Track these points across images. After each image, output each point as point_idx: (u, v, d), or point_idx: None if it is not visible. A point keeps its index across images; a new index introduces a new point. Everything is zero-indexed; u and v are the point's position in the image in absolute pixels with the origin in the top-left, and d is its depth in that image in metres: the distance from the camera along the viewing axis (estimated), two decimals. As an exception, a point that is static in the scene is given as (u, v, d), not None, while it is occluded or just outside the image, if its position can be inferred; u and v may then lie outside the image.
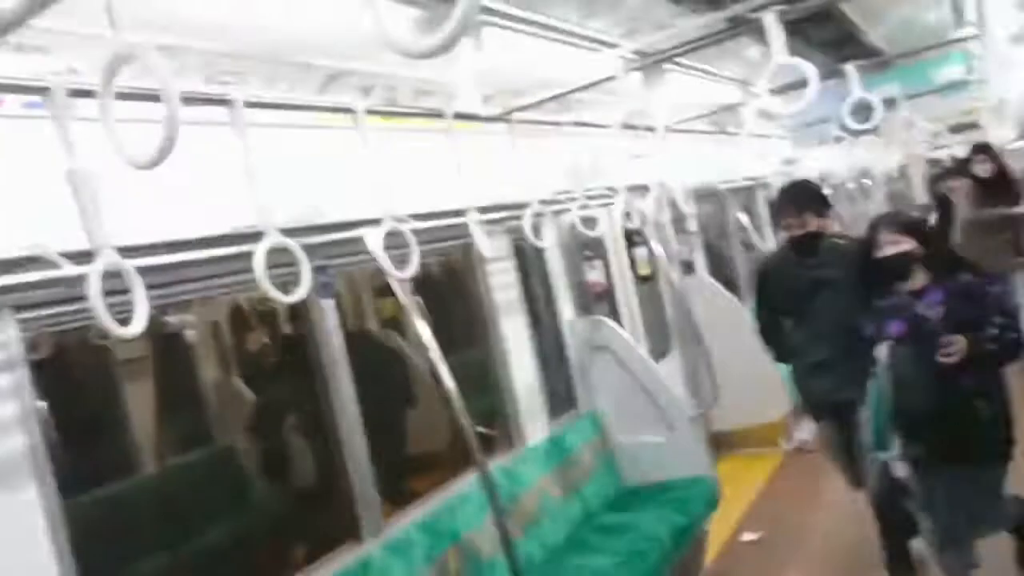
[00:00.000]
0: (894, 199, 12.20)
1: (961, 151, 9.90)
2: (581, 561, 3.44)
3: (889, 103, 6.00)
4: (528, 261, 4.35)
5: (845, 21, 5.54)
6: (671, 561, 3.60)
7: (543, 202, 3.59)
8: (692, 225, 6.52)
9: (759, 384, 5.36)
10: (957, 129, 10.97)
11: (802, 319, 3.64)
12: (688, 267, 6.50)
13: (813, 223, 3.56)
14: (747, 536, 4.48)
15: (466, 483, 3.34)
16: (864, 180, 10.29)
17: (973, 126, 10.57)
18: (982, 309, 2.79)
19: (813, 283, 3.53)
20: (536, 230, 3.69)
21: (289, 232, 2.30)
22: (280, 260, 2.32)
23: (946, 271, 2.92)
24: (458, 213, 3.15)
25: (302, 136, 2.89)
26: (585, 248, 5.29)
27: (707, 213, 7.21)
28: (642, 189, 4.75)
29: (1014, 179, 6.47)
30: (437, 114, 3.14)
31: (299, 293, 2.25)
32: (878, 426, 2.88)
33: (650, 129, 3.98)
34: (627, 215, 4.49)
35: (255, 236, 2.18)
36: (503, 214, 3.67)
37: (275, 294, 2.15)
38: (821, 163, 8.92)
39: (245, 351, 5.25)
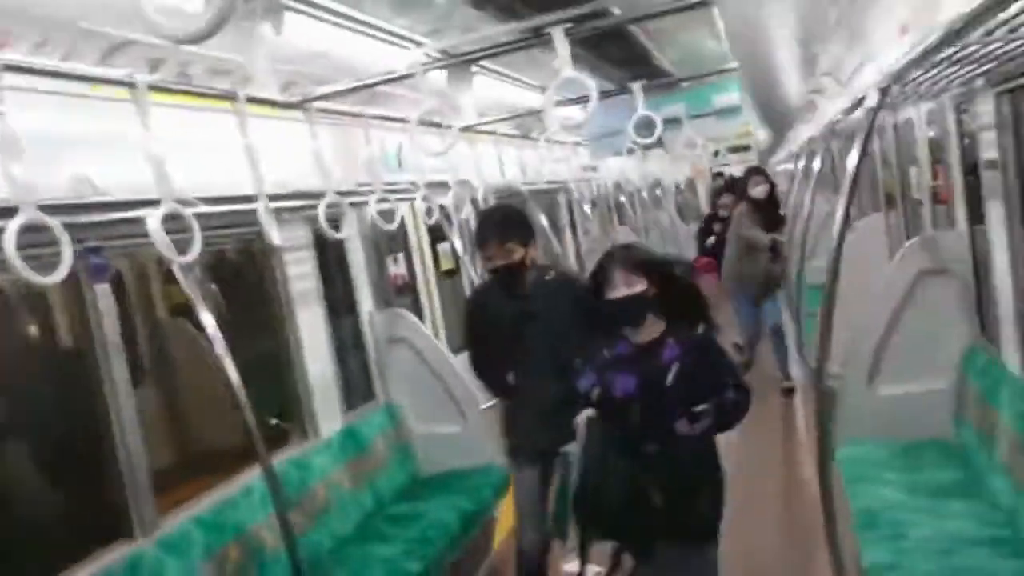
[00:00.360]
0: (682, 208, 13.40)
1: (738, 170, 11.06)
2: (369, 550, 3.49)
3: (674, 122, 6.58)
4: (330, 252, 4.31)
5: (637, 44, 6.00)
6: (459, 546, 3.73)
7: (340, 193, 3.58)
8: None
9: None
10: (734, 150, 12.21)
11: (513, 357, 3.31)
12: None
13: (518, 253, 3.22)
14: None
15: (251, 476, 3.27)
16: (656, 190, 11.19)
17: (747, 148, 11.82)
18: (717, 369, 2.53)
19: (520, 318, 3.23)
20: (336, 221, 3.67)
21: (52, 209, 2.13)
22: (43, 239, 2.15)
23: (685, 321, 2.59)
24: (249, 199, 3.07)
25: (77, 107, 2.68)
26: (390, 241, 5.32)
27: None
28: (443, 186, 4.86)
29: (779, 200, 7.31)
30: (230, 96, 3.03)
31: (57, 275, 2.09)
32: (562, 513, 2.71)
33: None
34: (429, 211, 4.57)
35: (8, 212, 2.01)
36: (300, 203, 3.61)
37: (32, 276, 1.99)
38: (617, 172, 9.58)
39: None
